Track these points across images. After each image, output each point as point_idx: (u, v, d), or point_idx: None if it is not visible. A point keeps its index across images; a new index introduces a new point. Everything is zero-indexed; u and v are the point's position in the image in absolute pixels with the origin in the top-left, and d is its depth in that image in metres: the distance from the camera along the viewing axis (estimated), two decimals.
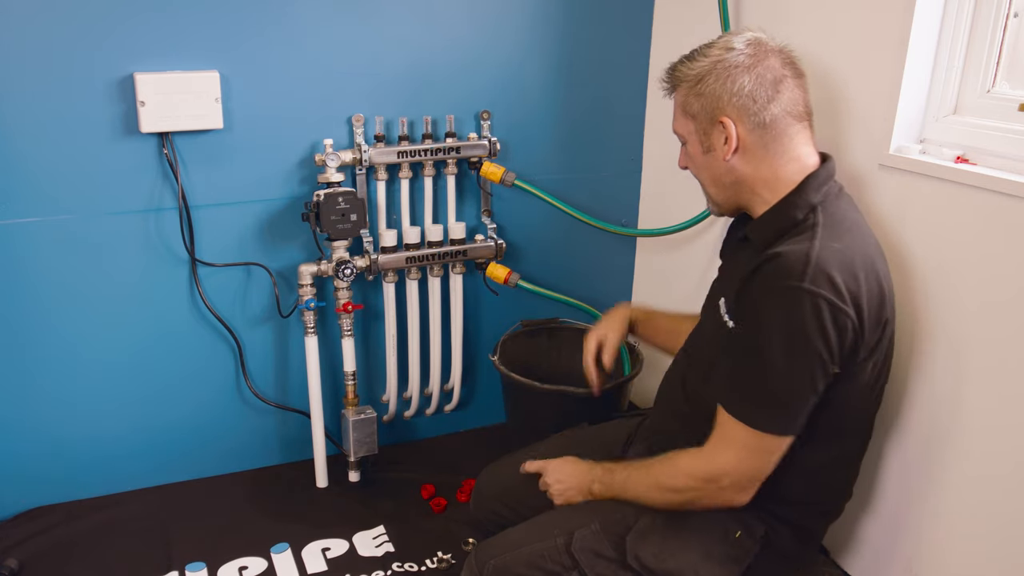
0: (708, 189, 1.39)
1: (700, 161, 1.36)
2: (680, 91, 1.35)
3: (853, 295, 1.20)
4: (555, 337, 2.14)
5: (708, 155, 1.34)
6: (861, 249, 1.25)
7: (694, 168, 1.39)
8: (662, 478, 1.34)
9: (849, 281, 1.19)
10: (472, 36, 1.94)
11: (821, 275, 1.18)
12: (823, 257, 1.19)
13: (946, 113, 1.47)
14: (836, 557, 1.69)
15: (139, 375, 1.89)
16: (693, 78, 1.31)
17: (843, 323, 1.19)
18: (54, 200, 1.71)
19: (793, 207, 1.28)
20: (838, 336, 1.19)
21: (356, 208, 1.82)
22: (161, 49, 1.69)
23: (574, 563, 1.36)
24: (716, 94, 1.29)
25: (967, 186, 1.35)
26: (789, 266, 1.19)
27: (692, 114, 1.33)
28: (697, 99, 1.31)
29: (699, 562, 1.33)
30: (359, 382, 2.06)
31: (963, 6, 1.41)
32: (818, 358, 1.20)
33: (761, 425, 1.24)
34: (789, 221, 1.28)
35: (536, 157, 2.09)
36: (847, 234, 1.25)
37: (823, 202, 1.28)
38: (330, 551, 1.79)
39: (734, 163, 1.31)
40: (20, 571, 1.70)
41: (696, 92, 1.31)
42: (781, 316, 1.19)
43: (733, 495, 1.29)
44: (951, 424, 1.42)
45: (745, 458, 1.26)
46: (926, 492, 1.49)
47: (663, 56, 2.11)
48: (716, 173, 1.35)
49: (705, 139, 1.33)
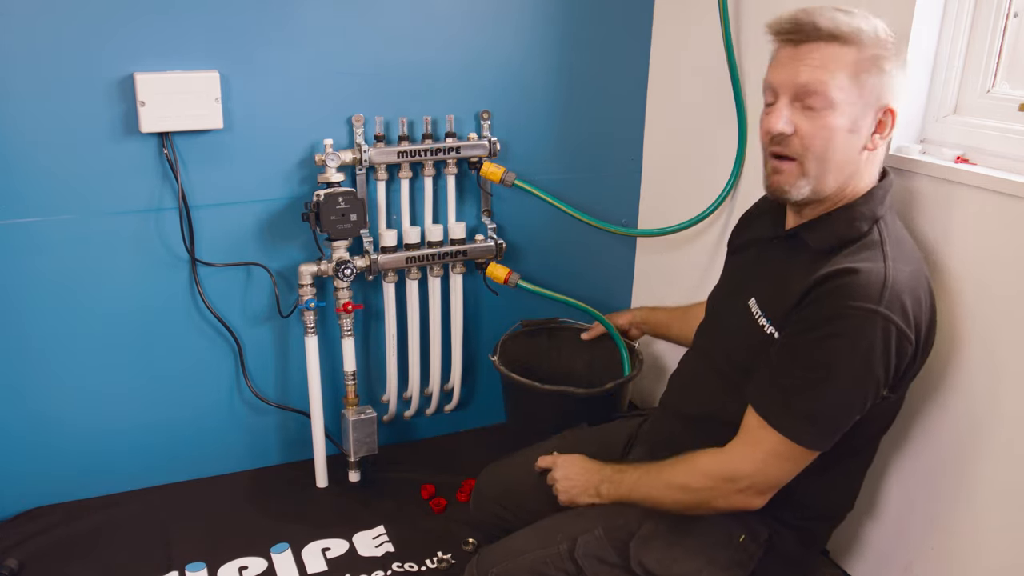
0: (823, 171, 1.22)
1: (839, 138, 1.20)
2: (846, 51, 1.18)
3: (917, 321, 1.18)
4: (555, 337, 2.14)
5: (851, 135, 1.20)
6: (922, 272, 1.24)
7: (818, 141, 1.20)
8: (677, 477, 1.30)
9: (915, 307, 1.18)
10: (472, 36, 1.94)
11: (896, 300, 1.15)
12: (898, 281, 1.16)
13: (946, 113, 1.47)
14: (838, 560, 1.69)
15: (139, 375, 1.89)
16: (878, 53, 1.18)
17: (905, 349, 1.17)
18: (54, 200, 1.71)
19: (859, 216, 1.24)
20: (898, 362, 1.18)
21: (356, 208, 1.82)
22: (161, 49, 1.69)
23: (578, 569, 1.35)
24: (897, 80, 1.20)
25: (967, 186, 1.35)
26: (867, 286, 1.15)
27: (866, 84, 1.18)
28: (877, 75, 1.18)
29: (704, 567, 1.32)
30: (359, 382, 2.06)
31: (963, 6, 1.41)
32: (875, 382, 1.18)
33: (798, 438, 1.20)
34: (854, 232, 1.23)
35: (536, 157, 2.09)
36: (910, 255, 1.23)
37: (885, 216, 1.25)
38: (330, 551, 1.79)
39: (864, 156, 1.23)
40: (20, 571, 1.70)
41: (879, 68, 1.18)
42: (852, 337, 1.15)
43: (750, 498, 1.26)
44: (954, 428, 1.42)
45: (771, 464, 1.23)
46: (928, 496, 1.49)
47: (663, 56, 2.11)
48: (843, 157, 1.21)
49: (861, 118, 1.20)
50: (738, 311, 1.34)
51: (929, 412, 1.46)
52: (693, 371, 1.48)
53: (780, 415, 1.21)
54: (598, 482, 1.41)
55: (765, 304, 1.29)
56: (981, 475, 1.38)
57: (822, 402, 1.19)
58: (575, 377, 2.12)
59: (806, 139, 1.20)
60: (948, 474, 1.44)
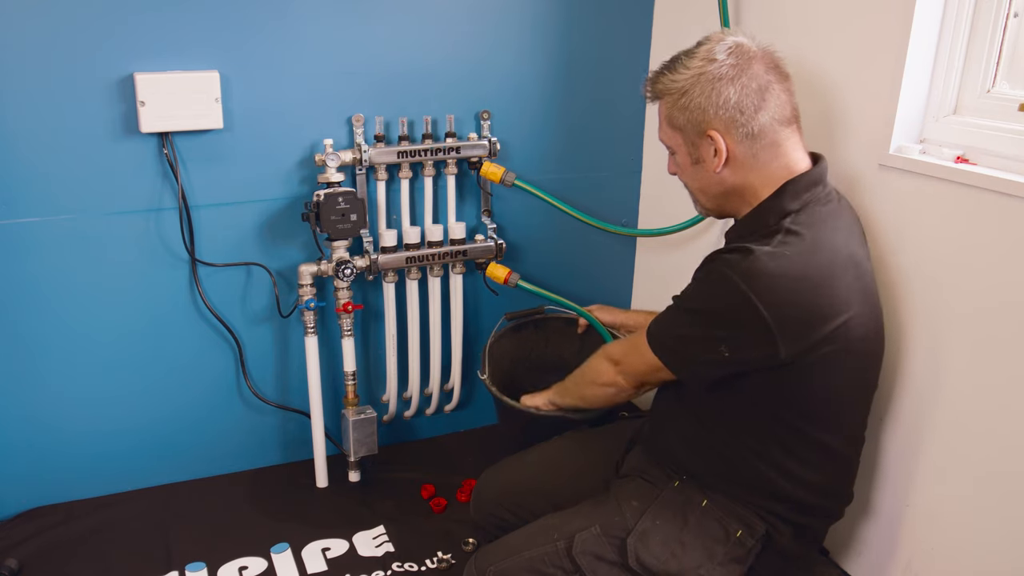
0: (698, 197, 1.42)
1: (689, 172, 1.37)
2: (664, 103, 1.35)
3: (779, 300, 1.21)
4: (542, 328, 2.10)
5: (697, 166, 1.35)
6: (818, 260, 1.24)
7: (683, 177, 1.41)
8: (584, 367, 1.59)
9: (779, 286, 1.21)
10: (472, 36, 1.94)
11: (754, 272, 1.21)
12: (762, 260, 1.21)
13: (946, 113, 1.47)
14: (836, 558, 1.69)
15: (139, 375, 1.89)
16: (677, 91, 1.31)
17: (746, 316, 1.21)
18: (54, 200, 1.71)
19: (768, 212, 1.29)
20: (739, 330, 1.24)
21: (356, 208, 1.82)
22: (161, 49, 1.69)
23: (575, 567, 1.36)
24: (702, 107, 1.28)
25: (967, 186, 1.35)
26: (731, 258, 1.25)
27: (679, 127, 1.33)
28: (682, 112, 1.31)
29: (701, 563, 1.33)
30: (359, 382, 2.06)
31: (963, 6, 1.41)
32: (709, 328, 1.27)
33: (651, 341, 1.38)
34: (760, 226, 1.29)
35: (536, 157, 2.09)
36: (810, 243, 1.25)
37: (801, 209, 1.28)
38: (330, 551, 1.79)
39: (724, 174, 1.32)
40: (20, 571, 1.70)
41: (680, 106, 1.31)
42: (701, 283, 1.31)
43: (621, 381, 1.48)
44: (956, 426, 1.42)
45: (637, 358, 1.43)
46: (926, 493, 1.49)
47: (663, 56, 2.09)
48: (705, 183, 1.36)
49: (694, 151, 1.34)
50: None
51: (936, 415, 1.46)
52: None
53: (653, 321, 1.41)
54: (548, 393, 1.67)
55: None
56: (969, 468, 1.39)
57: (671, 322, 1.37)
58: (565, 365, 2.09)
59: (680, 178, 1.42)
60: (936, 470, 1.44)
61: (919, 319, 1.46)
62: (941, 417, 1.44)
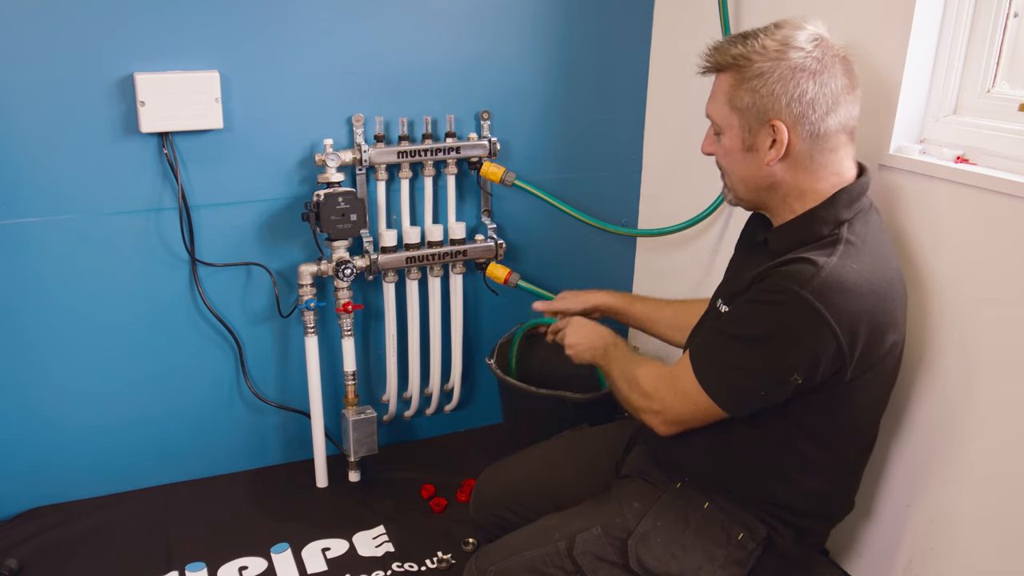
0: (735, 184, 1.31)
1: (735, 157, 1.27)
2: (727, 78, 1.24)
3: (852, 317, 1.16)
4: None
5: (748, 153, 1.25)
6: (880, 273, 1.21)
7: (725, 161, 1.30)
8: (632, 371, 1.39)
9: (852, 303, 1.16)
10: (472, 36, 1.94)
11: (826, 291, 1.15)
12: (838, 275, 1.16)
13: (946, 113, 1.47)
14: (836, 558, 1.69)
15: (139, 375, 1.89)
16: (749, 70, 1.21)
17: (823, 340, 1.16)
18: (54, 200, 1.71)
19: (820, 221, 1.24)
20: (813, 349, 1.17)
21: (356, 208, 1.82)
22: (161, 49, 1.69)
23: (576, 568, 1.36)
24: (775, 95, 1.20)
25: (967, 186, 1.34)
26: (798, 272, 1.16)
27: (740, 107, 1.23)
28: (750, 95, 1.22)
29: (702, 565, 1.32)
30: (359, 382, 2.06)
31: (963, 6, 1.41)
32: (780, 356, 1.19)
33: (702, 381, 1.26)
34: (813, 235, 1.23)
35: (536, 157, 2.09)
36: (869, 256, 1.21)
37: (852, 219, 1.24)
38: (330, 551, 1.79)
39: (776, 169, 1.24)
40: (20, 571, 1.70)
41: (750, 88, 1.21)
42: (768, 307, 1.19)
43: (657, 422, 1.34)
44: (956, 426, 1.42)
45: (680, 399, 1.30)
46: (927, 495, 1.49)
47: (663, 56, 2.11)
48: (751, 173, 1.27)
49: (749, 137, 1.24)
50: (711, 313, 1.39)
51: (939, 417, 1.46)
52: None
53: (698, 356, 1.29)
54: (602, 348, 1.49)
55: (727, 299, 1.33)
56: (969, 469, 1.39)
57: (729, 357, 1.24)
58: (575, 381, 2.11)
59: (718, 159, 1.32)
60: (937, 470, 1.44)
61: (919, 319, 1.45)
62: (946, 420, 1.44)
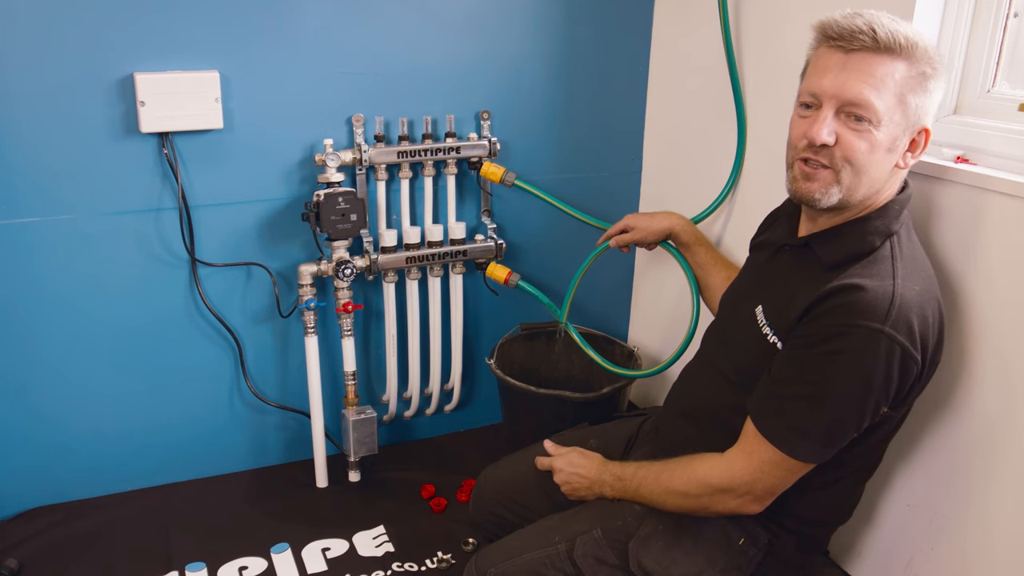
0: (857, 185, 1.19)
1: (879, 156, 1.17)
2: (901, 66, 1.13)
3: (924, 340, 1.16)
4: (554, 340, 2.14)
5: (887, 154, 1.17)
6: (932, 292, 1.21)
7: (859, 156, 1.16)
8: (676, 483, 1.31)
9: (922, 326, 1.16)
10: (472, 36, 1.94)
11: (902, 320, 1.13)
12: (905, 300, 1.14)
13: (946, 113, 1.47)
14: (836, 558, 1.69)
15: (139, 375, 1.89)
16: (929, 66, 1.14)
17: (909, 369, 1.16)
18: (54, 200, 1.71)
19: (872, 231, 1.21)
20: (900, 382, 1.16)
21: (356, 208, 1.82)
22: (161, 49, 1.69)
23: (576, 570, 1.36)
24: (934, 101, 1.17)
25: (967, 186, 1.35)
26: (873, 304, 1.13)
27: (907, 104, 1.15)
28: (920, 96, 1.15)
29: (703, 569, 1.32)
30: (359, 382, 2.06)
31: (963, 6, 1.41)
32: (874, 401, 1.17)
33: (792, 451, 1.20)
34: (866, 246, 1.20)
35: (536, 157, 2.09)
36: (921, 273, 1.21)
37: (900, 230, 1.22)
38: (330, 551, 1.79)
39: (895, 174, 1.21)
40: (20, 571, 1.70)
41: (923, 87, 1.15)
42: (854, 355, 1.13)
43: (747, 505, 1.27)
44: (957, 429, 1.42)
45: (767, 473, 1.23)
46: (927, 494, 1.49)
47: (663, 56, 2.11)
48: (880, 174, 1.19)
49: (901, 137, 1.17)
50: (744, 318, 1.34)
51: (940, 417, 1.46)
52: (698, 375, 1.48)
53: (775, 427, 1.21)
54: (601, 484, 1.43)
55: (771, 314, 1.28)
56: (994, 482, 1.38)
57: (818, 417, 1.18)
58: (574, 381, 2.11)
59: (847, 152, 1.16)
60: (958, 481, 1.44)
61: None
62: (946, 421, 1.44)
